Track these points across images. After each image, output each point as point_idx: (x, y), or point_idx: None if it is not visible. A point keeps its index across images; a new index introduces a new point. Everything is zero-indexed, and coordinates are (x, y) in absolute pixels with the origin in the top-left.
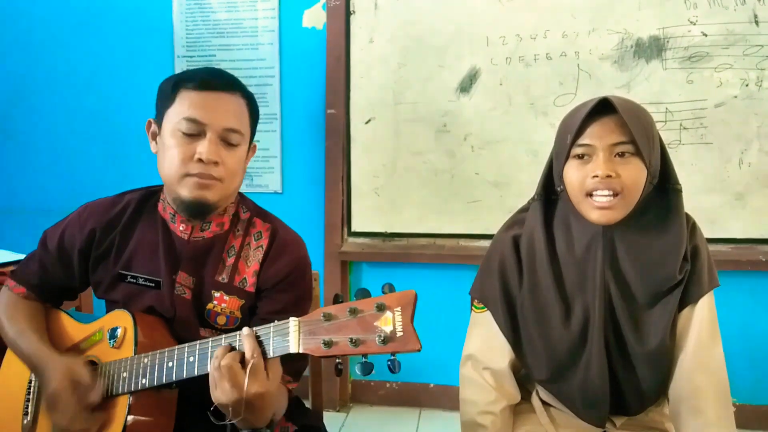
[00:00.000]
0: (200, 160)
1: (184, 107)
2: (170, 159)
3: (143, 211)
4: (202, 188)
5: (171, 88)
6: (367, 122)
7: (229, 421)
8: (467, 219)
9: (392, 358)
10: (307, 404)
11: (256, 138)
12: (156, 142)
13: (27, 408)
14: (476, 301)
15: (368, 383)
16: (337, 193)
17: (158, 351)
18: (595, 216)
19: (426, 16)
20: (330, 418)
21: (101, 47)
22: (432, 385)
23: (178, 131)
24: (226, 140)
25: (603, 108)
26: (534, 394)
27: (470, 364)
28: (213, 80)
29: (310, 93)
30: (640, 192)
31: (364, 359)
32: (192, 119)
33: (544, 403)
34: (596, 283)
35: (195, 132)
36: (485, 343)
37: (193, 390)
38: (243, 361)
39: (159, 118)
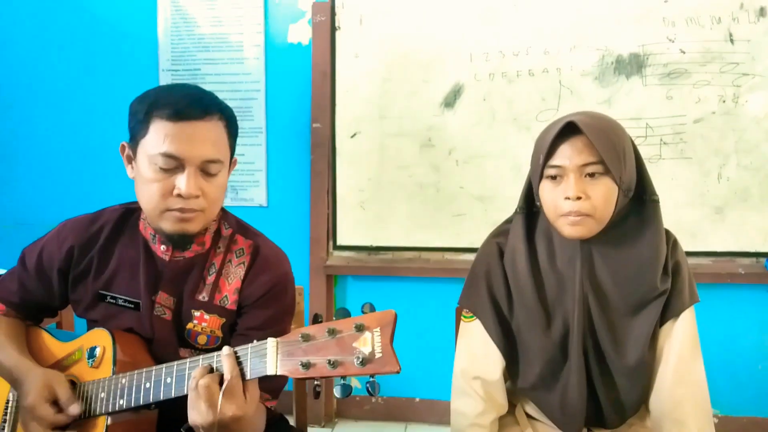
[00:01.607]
0: (180, 195)
1: (159, 140)
2: (149, 194)
3: (123, 229)
4: (183, 222)
5: (143, 115)
6: (352, 136)
7: None
8: (452, 232)
9: (371, 379)
10: (291, 421)
11: (240, 152)
12: (132, 167)
13: (3, 429)
14: (465, 310)
15: (353, 398)
16: (323, 207)
17: (136, 371)
18: (567, 231)
19: (410, 33)
20: None
21: (86, 60)
22: (418, 399)
23: (154, 164)
24: (205, 171)
25: (573, 127)
26: (519, 406)
27: (460, 374)
28: (188, 108)
29: (295, 107)
30: (612, 209)
31: (343, 381)
32: (169, 155)
33: (528, 416)
34: (575, 295)
35: (173, 166)
36: (475, 353)
37: (173, 410)
38: (221, 383)
39: (133, 144)
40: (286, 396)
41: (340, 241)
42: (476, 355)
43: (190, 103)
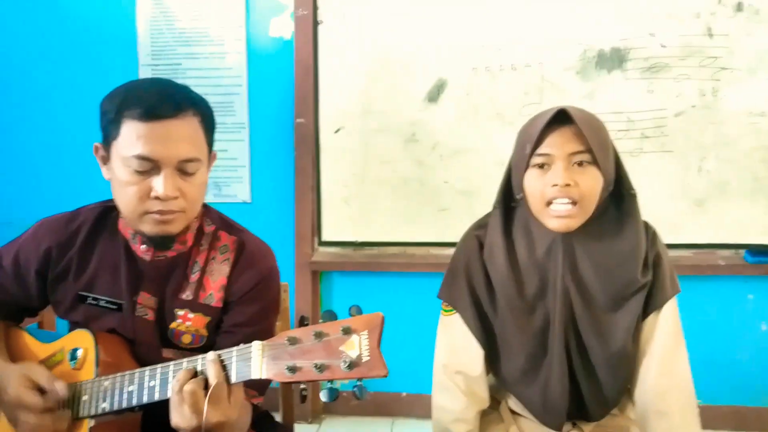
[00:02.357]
0: (158, 198)
1: (131, 142)
2: (126, 197)
3: (103, 228)
4: (164, 224)
5: (114, 115)
6: (336, 131)
7: None
8: (437, 227)
9: (358, 383)
10: (278, 417)
11: (223, 147)
12: (107, 168)
13: None
14: (444, 303)
15: (340, 394)
16: (307, 203)
17: (119, 374)
18: (553, 225)
19: (393, 27)
20: (302, 431)
21: (65, 56)
22: (404, 394)
23: (129, 167)
24: (182, 170)
25: (560, 118)
26: (503, 403)
27: (442, 368)
28: (159, 107)
29: (278, 102)
30: (597, 199)
31: (330, 384)
32: (143, 157)
33: (513, 412)
34: (557, 288)
35: (148, 168)
36: (455, 346)
37: (157, 412)
38: (206, 387)
39: (106, 144)
40: (272, 393)
41: (324, 237)
42: (457, 349)
43: (161, 101)
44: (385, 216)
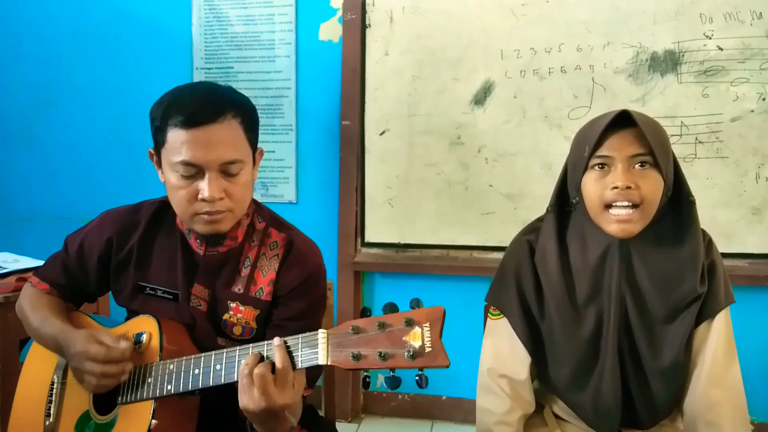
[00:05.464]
0: (204, 200)
1: (176, 149)
2: (177, 199)
3: (162, 222)
4: (213, 223)
5: (160, 122)
6: (381, 134)
7: (250, 426)
8: (480, 231)
9: (420, 373)
10: (320, 413)
11: (271, 149)
12: (161, 172)
13: (49, 410)
14: (492, 307)
15: (380, 395)
16: (351, 204)
17: (184, 358)
18: (613, 229)
19: (440, 30)
20: (342, 429)
21: (122, 59)
22: (444, 397)
23: (176, 172)
24: (226, 172)
25: (620, 120)
26: (547, 407)
27: (487, 372)
28: (199, 113)
29: (325, 105)
30: (657, 203)
31: (391, 373)
32: (187, 162)
33: (557, 417)
34: (612, 294)
35: (193, 173)
36: (502, 351)
37: (213, 397)
38: (273, 371)
39: (157, 150)
40: (315, 389)
41: (368, 238)
42: (503, 354)
43: (201, 108)
44: (428, 218)
